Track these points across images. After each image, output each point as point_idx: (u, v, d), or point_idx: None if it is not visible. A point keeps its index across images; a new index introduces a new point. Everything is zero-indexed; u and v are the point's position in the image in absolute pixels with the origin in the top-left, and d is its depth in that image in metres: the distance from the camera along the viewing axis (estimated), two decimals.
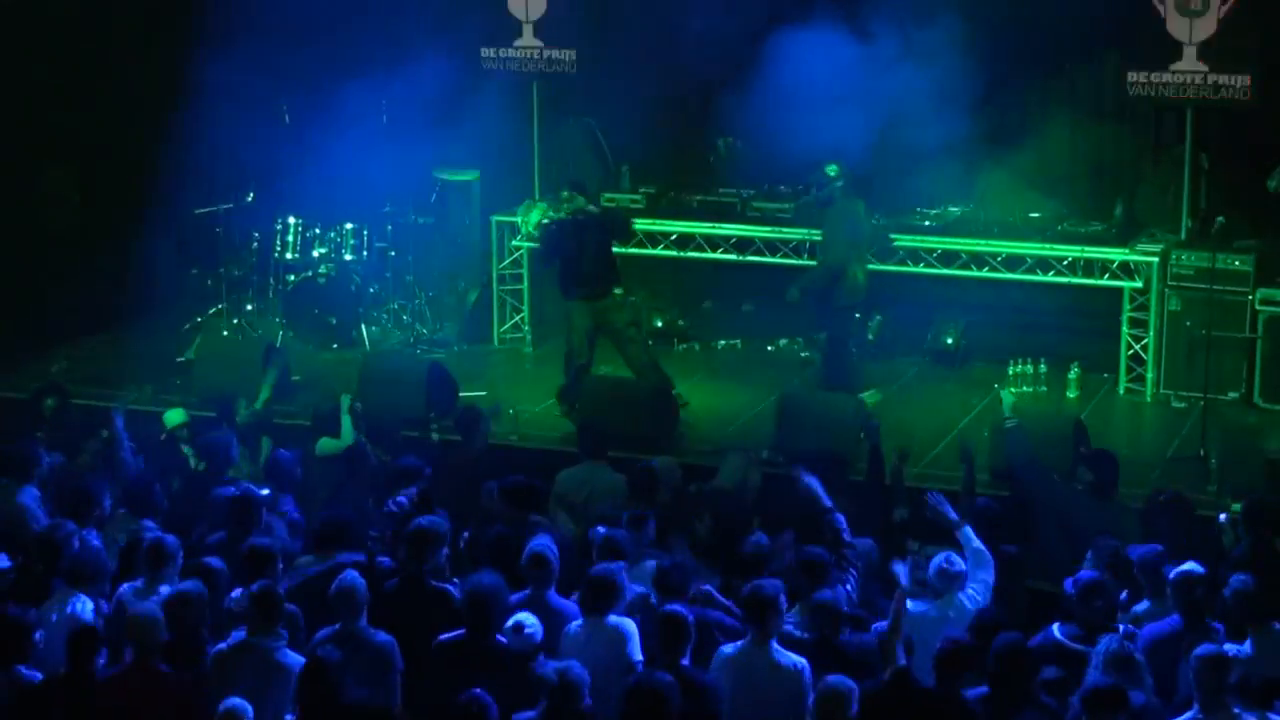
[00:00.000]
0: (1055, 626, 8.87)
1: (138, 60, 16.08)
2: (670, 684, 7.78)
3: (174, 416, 12.28)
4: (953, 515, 9.68)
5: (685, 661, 8.30)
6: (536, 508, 10.47)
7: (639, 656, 8.47)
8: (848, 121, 14.52)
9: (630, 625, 8.66)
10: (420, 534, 9.26)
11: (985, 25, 14.80)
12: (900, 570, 9.65)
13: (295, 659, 8.35)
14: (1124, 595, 9.35)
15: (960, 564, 9.29)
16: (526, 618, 8.46)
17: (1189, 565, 8.96)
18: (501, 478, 10.61)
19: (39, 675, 8.42)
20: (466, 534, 10.24)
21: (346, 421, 11.83)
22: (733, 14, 14.82)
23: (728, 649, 8.56)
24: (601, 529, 9.67)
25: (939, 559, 9.30)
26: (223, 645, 8.51)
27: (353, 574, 8.81)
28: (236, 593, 8.95)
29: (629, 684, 7.86)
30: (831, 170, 14.08)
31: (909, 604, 8.93)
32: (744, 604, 8.60)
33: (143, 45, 16.13)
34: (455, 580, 9.24)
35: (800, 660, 8.43)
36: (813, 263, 14.76)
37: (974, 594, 9.27)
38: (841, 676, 7.91)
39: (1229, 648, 8.26)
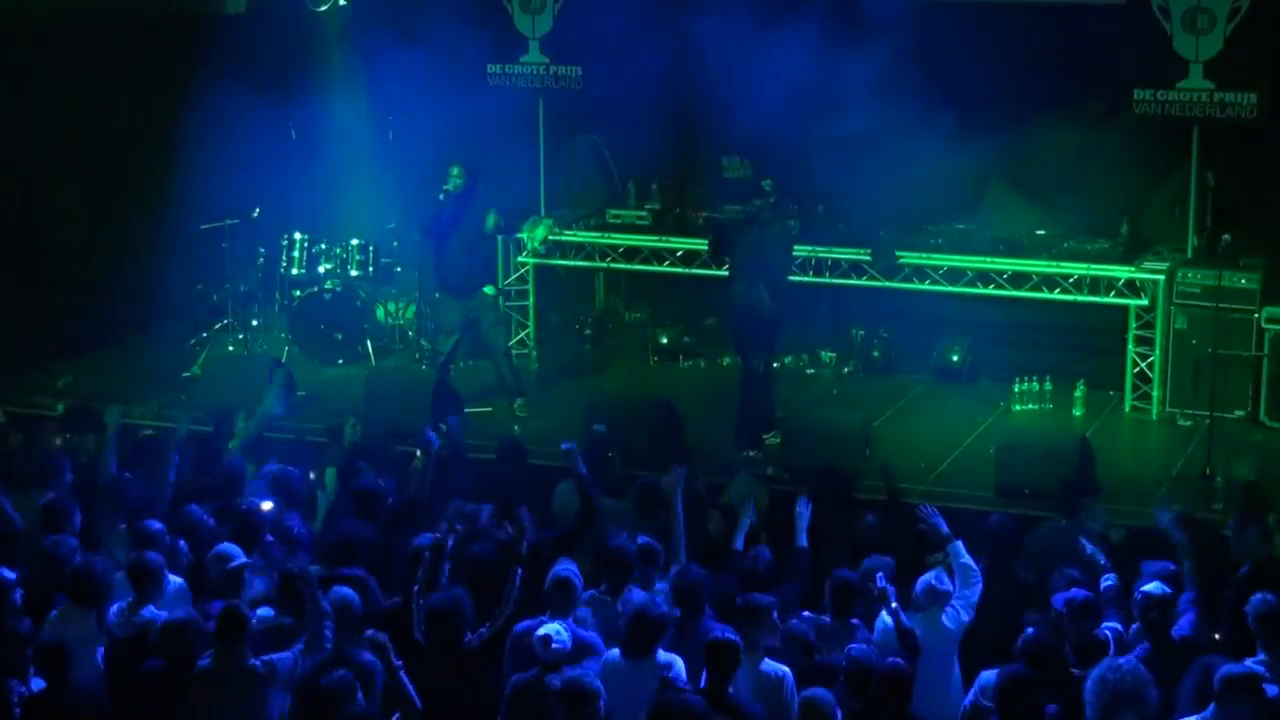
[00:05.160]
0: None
1: (146, 76, 16.12)
2: (697, 704, 7.71)
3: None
4: (945, 529, 9.66)
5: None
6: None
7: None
8: (851, 137, 14.57)
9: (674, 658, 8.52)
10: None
11: (993, 41, 14.82)
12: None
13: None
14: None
15: (948, 583, 9.26)
16: (555, 629, 8.41)
17: (1152, 585, 8.95)
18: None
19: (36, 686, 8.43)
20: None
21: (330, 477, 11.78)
22: (740, 30, 14.83)
23: None
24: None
25: (928, 576, 9.28)
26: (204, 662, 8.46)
27: (346, 590, 8.81)
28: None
29: (653, 702, 7.77)
30: (767, 185, 13.93)
31: (885, 619, 9.03)
32: (735, 615, 8.59)
33: (152, 61, 16.16)
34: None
35: (783, 669, 8.43)
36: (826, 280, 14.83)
37: (957, 612, 9.24)
38: (822, 689, 7.91)
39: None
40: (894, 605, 9.02)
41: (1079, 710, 7.85)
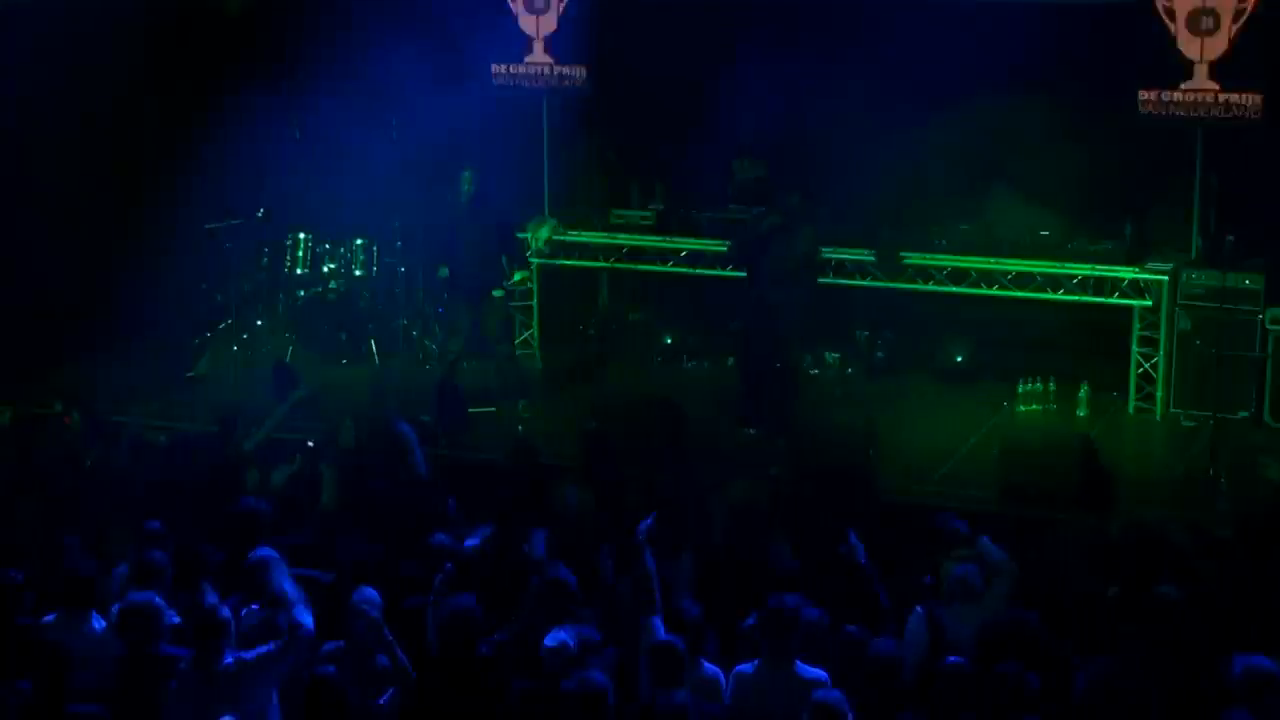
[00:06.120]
0: None
1: (150, 76, 16.12)
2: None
3: None
4: (964, 529, 9.65)
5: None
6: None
7: None
8: (855, 137, 14.58)
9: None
10: None
11: (996, 41, 14.82)
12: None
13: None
14: None
15: (981, 579, 9.24)
16: (563, 637, 8.41)
17: (1162, 588, 8.93)
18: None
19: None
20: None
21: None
22: (744, 32, 14.85)
23: (745, 668, 8.52)
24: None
25: (960, 570, 9.25)
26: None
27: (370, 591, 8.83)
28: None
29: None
30: (794, 199, 13.99)
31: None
32: (763, 621, 8.55)
33: (155, 62, 16.15)
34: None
35: (821, 672, 8.39)
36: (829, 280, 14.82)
37: (994, 608, 9.22)
38: (835, 691, 7.90)
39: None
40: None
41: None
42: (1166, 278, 14.22)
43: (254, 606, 9.03)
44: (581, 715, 7.74)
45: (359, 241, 16.39)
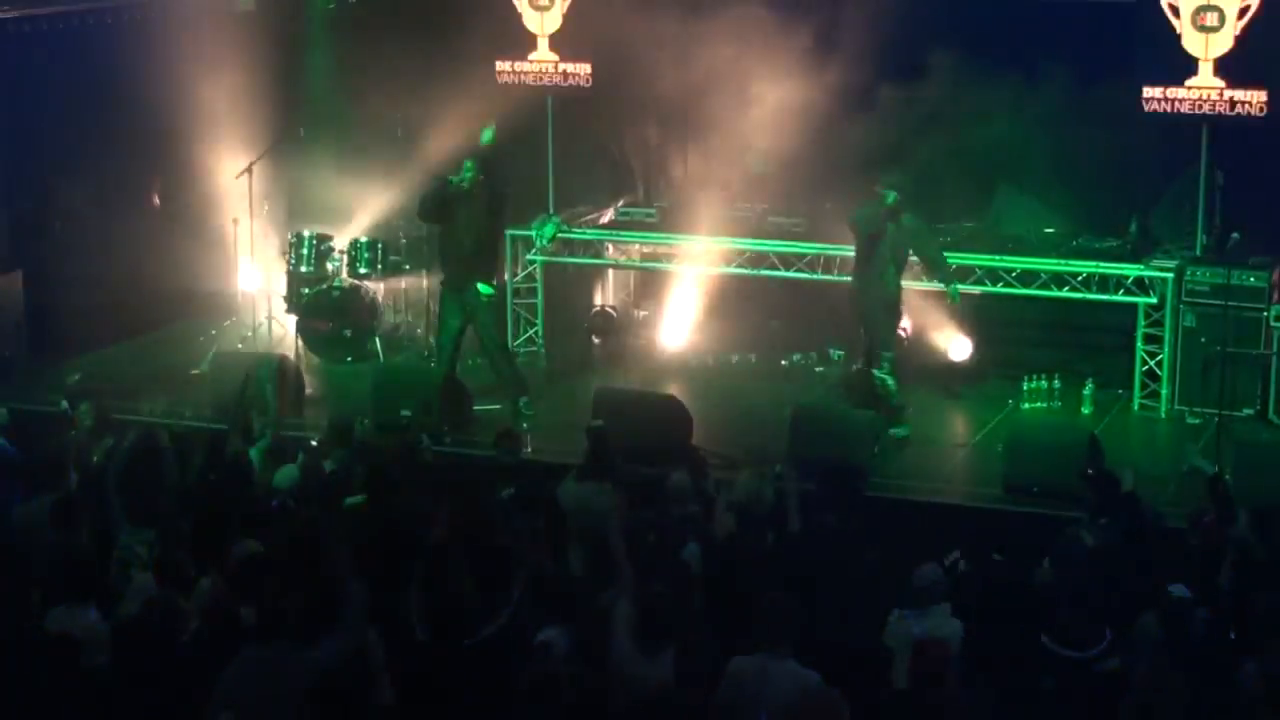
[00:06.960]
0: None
1: (154, 74, 16.14)
2: None
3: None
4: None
5: None
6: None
7: None
8: (859, 134, 14.59)
9: None
10: None
11: (1001, 38, 14.83)
12: None
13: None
14: None
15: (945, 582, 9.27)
16: (553, 634, 8.41)
17: (1173, 588, 8.93)
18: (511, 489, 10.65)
19: None
20: None
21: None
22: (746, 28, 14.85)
23: (743, 660, 8.52)
24: None
25: (924, 573, 9.28)
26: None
27: None
28: None
29: None
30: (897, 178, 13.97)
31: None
32: (761, 615, 8.55)
33: (159, 58, 16.18)
34: None
35: (812, 673, 8.40)
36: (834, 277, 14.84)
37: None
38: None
39: None
40: None
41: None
42: (1171, 275, 14.21)
43: None
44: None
45: (363, 239, 16.37)
